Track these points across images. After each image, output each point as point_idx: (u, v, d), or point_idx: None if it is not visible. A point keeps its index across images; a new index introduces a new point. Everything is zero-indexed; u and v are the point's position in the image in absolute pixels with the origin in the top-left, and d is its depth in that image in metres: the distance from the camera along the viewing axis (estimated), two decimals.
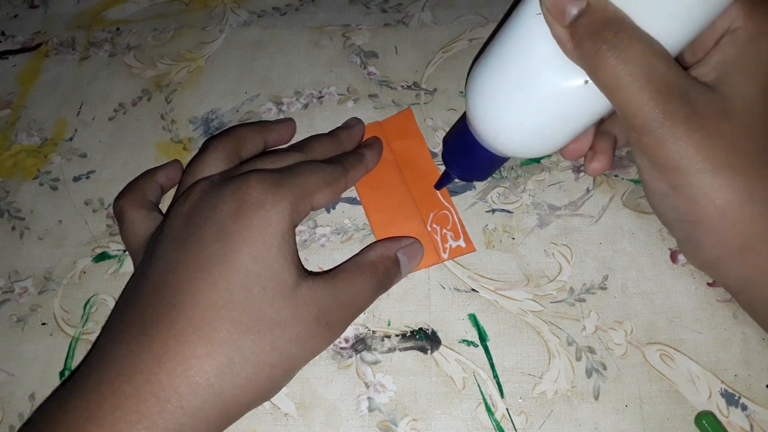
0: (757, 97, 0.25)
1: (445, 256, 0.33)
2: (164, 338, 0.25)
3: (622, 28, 0.24)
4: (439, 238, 0.33)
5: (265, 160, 0.32)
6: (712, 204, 0.25)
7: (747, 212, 0.25)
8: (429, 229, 0.34)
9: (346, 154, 0.35)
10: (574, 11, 0.24)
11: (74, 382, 0.26)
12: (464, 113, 0.31)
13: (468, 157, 0.31)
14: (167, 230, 0.29)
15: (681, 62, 0.29)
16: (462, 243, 0.33)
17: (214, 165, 0.32)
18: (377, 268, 0.30)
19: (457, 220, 0.34)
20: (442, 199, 0.35)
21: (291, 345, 0.27)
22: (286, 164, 0.31)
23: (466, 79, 0.33)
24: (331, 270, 0.30)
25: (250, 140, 0.34)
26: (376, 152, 0.36)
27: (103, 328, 0.31)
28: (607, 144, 0.31)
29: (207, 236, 0.27)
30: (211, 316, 0.25)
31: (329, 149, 0.35)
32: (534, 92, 0.26)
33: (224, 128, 0.39)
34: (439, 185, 0.35)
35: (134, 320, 0.26)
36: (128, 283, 0.31)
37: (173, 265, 0.27)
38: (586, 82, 0.25)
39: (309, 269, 0.34)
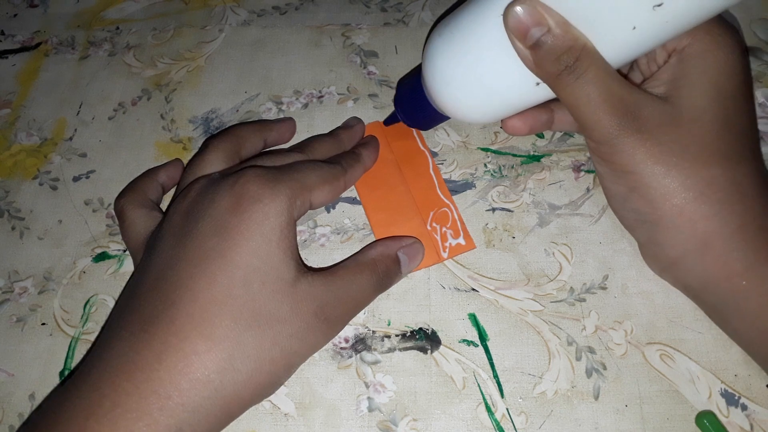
0: (704, 106, 0.27)
1: (445, 255, 0.33)
2: (164, 335, 0.25)
3: (581, 54, 0.26)
4: (438, 238, 0.33)
5: (264, 159, 0.32)
6: (668, 203, 0.27)
7: (702, 210, 0.27)
8: (429, 228, 0.34)
9: (344, 154, 0.35)
10: (537, 34, 0.25)
11: (74, 380, 0.26)
12: (419, 65, 0.32)
13: (414, 106, 0.34)
14: (166, 227, 0.29)
15: (635, 76, 0.32)
16: (462, 240, 0.33)
17: (214, 163, 0.32)
18: (377, 267, 0.30)
19: (456, 217, 0.34)
20: (442, 196, 0.35)
21: (291, 340, 0.27)
22: (286, 163, 0.31)
23: (425, 41, 0.36)
24: (331, 267, 0.30)
25: (249, 140, 0.34)
26: (373, 151, 0.36)
27: (104, 326, 0.31)
28: (539, 112, 0.33)
29: (205, 231, 0.27)
30: (211, 312, 0.25)
31: (329, 149, 0.35)
32: (484, 67, 0.28)
33: (224, 128, 0.39)
34: (386, 122, 0.37)
35: (134, 317, 0.26)
36: (128, 281, 0.31)
37: (172, 260, 0.27)
38: (538, 84, 0.28)
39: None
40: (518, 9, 0.25)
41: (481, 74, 0.28)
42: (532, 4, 0.25)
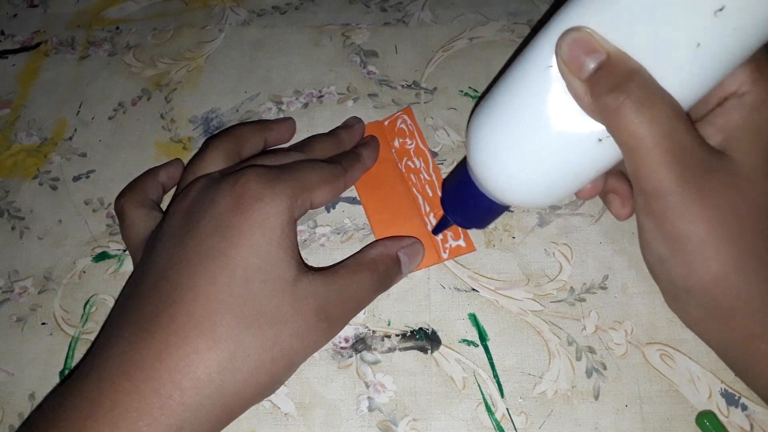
0: (761, 167, 0.25)
1: (445, 255, 0.33)
2: (164, 334, 0.25)
3: (645, 83, 0.23)
4: (439, 238, 0.33)
5: (264, 159, 0.32)
6: (708, 272, 0.25)
7: (737, 281, 0.25)
8: (429, 228, 0.34)
9: (344, 154, 0.35)
10: (592, 64, 0.23)
11: (74, 379, 0.26)
12: (464, 158, 0.30)
13: (468, 205, 0.30)
14: (166, 227, 0.29)
15: None
16: (462, 242, 0.33)
17: (214, 163, 0.32)
18: (378, 267, 0.30)
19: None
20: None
21: (292, 339, 0.27)
22: (286, 162, 0.31)
23: (467, 125, 0.32)
24: (331, 266, 0.30)
25: (250, 139, 0.34)
26: (373, 151, 0.36)
27: (104, 325, 0.31)
28: (626, 186, 0.30)
29: (206, 230, 0.27)
30: (212, 311, 0.25)
31: (330, 149, 0.35)
32: (542, 145, 0.25)
33: (224, 127, 0.39)
34: (436, 231, 0.33)
35: (134, 316, 0.26)
36: (128, 280, 0.31)
37: (173, 260, 0.27)
38: (600, 140, 0.24)
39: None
40: (572, 36, 0.23)
41: (538, 144, 0.25)
42: (586, 31, 0.23)
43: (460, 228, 0.34)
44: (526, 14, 0.43)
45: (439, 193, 0.35)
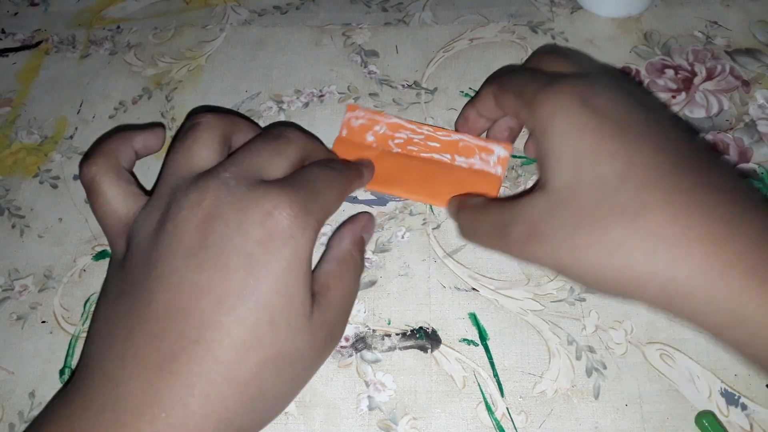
0: (568, 181, 0.26)
1: (499, 171, 0.34)
2: (189, 378, 0.23)
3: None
4: (480, 164, 0.35)
5: (264, 152, 0.29)
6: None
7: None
8: (466, 166, 0.35)
9: (348, 163, 0.34)
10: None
11: (86, 416, 0.24)
12: None
13: None
14: (176, 241, 0.26)
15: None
16: (500, 151, 0.35)
17: (210, 147, 0.29)
18: (356, 258, 0.31)
19: (476, 142, 0.35)
20: (449, 137, 0.35)
21: (305, 372, 0.28)
22: (291, 160, 0.30)
23: None
24: (319, 279, 0.29)
25: (243, 131, 0.32)
26: (372, 172, 0.35)
27: (99, 334, 0.27)
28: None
29: (232, 264, 0.25)
30: (238, 356, 0.24)
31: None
32: None
33: None
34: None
35: (149, 349, 0.24)
36: (117, 280, 0.27)
37: (193, 290, 0.25)
38: None
39: None
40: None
41: None
42: None
43: (486, 144, 0.35)
44: (526, 16, 0.43)
45: (445, 137, 0.35)
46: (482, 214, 0.30)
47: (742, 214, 0.23)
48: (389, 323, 0.32)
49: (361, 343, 0.31)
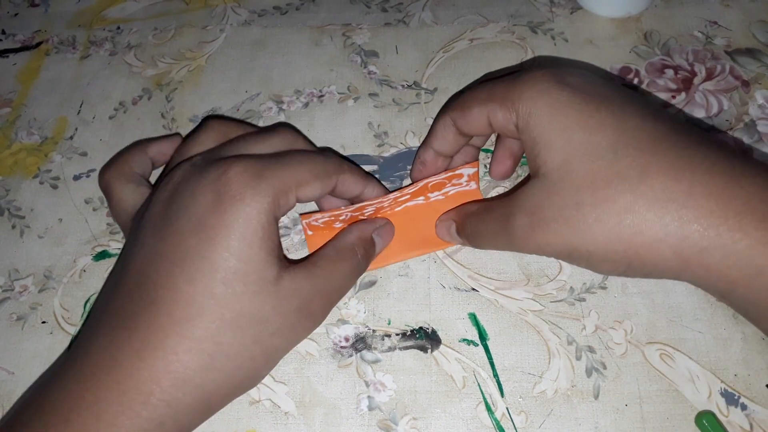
0: (559, 163, 0.26)
1: (473, 185, 0.34)
2: (145, 333, 0.25)
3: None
4: (454, 188, 0.34)
5: (249, 141, 0.30)
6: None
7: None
8: (442, 197, 0.34)
9: (343, 158, 0.34)
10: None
11: (57, 373, 0.26)
12: None
13: None
14: (147, 216, 0.28)
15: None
16: (467, 170, 0.33)
17: (204, 144, 0.31)
18: (356, 252, 0.30)
19: (443, 175, 0.32)
20: (416, 186, 0.32)
21: (272, 338, 0.27)
22: (275, 149, 0.30)
23: None
24: (311, 256, 0.30)
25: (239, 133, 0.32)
26: (375, 186, 0.33)
27: (88, 315, 0.31)
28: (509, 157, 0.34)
29: (185, 229, 0.26)
30: (191, 312, 0.25)
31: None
32: None
33: None
34: None
35: (115, 312, 0.26)
36: (115, 265, 0.31)
37: (152, 256, 0.27)
38: None
39: None
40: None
41: None
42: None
43: (452, 173, 0.33)
44: (526, 16, 0.43)
45: (408, 191, 0.32)
46: (486, 214, 0.30)
47: (743, 168, 0.24)
48: (389, 323, 0.32)
49: (361, 343, 0.31)
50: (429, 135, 0.33)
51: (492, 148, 0.36)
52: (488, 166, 0.36)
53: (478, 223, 0.30)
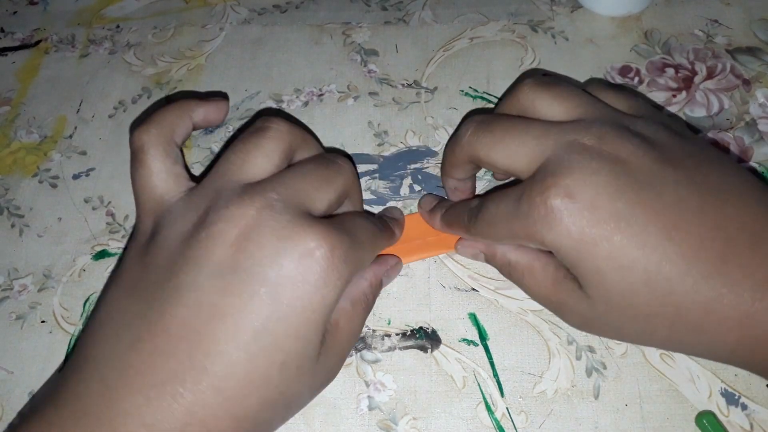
0: (609, 289, 0.25)
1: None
2: (191, 404, 0.22)
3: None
4: None
5: (317, 180, 0.27)
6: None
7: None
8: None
9: (386, 221, 0.32)
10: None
11: (79, 425, 0.22)
12: None
13: None
14: (205, 254, 0.24)
15: None
16: None
17: (270, 158, 0.27)
18: (369, 299, 0.29)
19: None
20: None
21: (297, 410, 0.27)
22: (338, 193, 0.28)
23: None
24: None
25: (308, 148, 0.29)
26: (402, 230, 0.33)
27: (101, 327, 0.25)
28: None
29: (258, 295, 0.23)
30: (242, 392, 0.23)
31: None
32: None
33: (225, 127, 0.39)
34: None
35: (155, 366, 0.23)
36: (133, 268, 0.26)
37: (211, 313, 0.23)
38: None
39: None
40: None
41: None
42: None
43: None
44: (526, 14, 0.43)
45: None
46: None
47: None
48: (389, 323, 0.32)
49: (361, 343, 0.31)
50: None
51: None
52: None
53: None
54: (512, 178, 0.35)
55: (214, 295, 0.23)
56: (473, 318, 0.32)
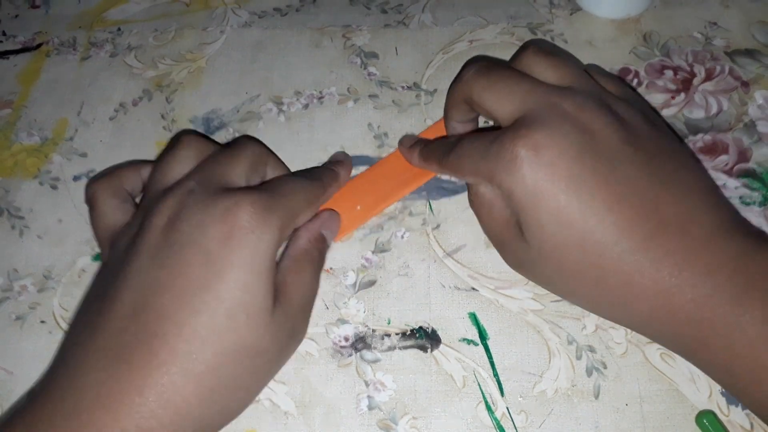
0: (547, 241, 0.27)
1: None
2: (146, 369, 0.24)
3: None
4: None
5: (225, 160, 0.31)
6: None
7: None
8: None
9: (322, 169, 0.34)
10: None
11: (46, 405, 0.25)
12: None
13: None
14: (142, 243, 0.27)
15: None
16: None
17: (185, 164, 0.30)
18: (313, 255, 0.31)
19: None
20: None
21: (267, 367, 0.28)
22: (250, 167, 0.31)
23: None
24: (276, 273, 0.29)
25: (218, 151, 0.32)
26: (348, 170, 0.35)
27: (70, 335, 0.29)
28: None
29: (192, 260, 0.26)
30: (195, 347, 0.25)
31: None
32: None
33: (225, 128, 0.39)
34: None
35: (110, 342, 0.25)
36: (96, 284, 0.29)
37: (153, 286, 0.26)
38: None
39: None
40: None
41: None
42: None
43: None
44: (525, 17, 0.43)
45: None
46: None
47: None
48: (389, 323, 0.32)
49: (360, 342, 0.31)
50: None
51: None
52: None
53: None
54: None
55: (154, 271, 0.26)
56: (473, 317, 0.32)
